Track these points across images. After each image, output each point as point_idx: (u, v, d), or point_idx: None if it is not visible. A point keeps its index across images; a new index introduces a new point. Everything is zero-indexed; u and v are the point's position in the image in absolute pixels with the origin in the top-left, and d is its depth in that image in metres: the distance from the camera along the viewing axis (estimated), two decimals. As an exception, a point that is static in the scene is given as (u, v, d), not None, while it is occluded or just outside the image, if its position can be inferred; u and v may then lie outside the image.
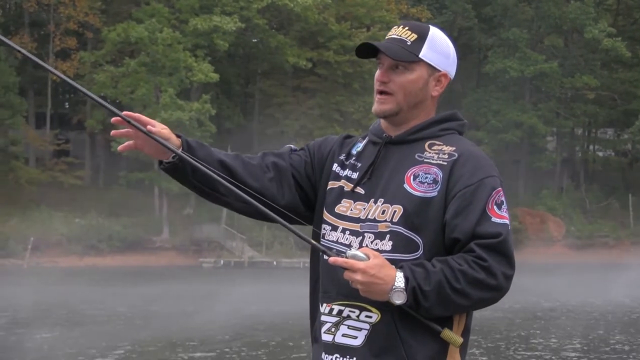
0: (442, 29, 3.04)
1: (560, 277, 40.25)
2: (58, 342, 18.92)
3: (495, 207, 2.79)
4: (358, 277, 2.68)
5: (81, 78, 54.36)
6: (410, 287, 2.69)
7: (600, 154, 71.17)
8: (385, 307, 2.76)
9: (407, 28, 2.91)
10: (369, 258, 2.71)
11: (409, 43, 2.88)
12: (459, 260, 2.72)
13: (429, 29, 2.93)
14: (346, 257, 2.72)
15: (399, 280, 2.69)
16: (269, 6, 53.53)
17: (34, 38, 57.22)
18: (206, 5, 52.94)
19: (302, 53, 55.18)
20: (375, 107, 2.92)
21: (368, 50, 2.91)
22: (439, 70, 2.93)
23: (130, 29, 50.41)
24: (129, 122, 2.83)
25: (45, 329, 21.29)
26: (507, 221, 2.80)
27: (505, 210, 2.82)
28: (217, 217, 52.49)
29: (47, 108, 56.54)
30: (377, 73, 2.93)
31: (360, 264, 2.69)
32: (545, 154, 67.07)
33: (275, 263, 48.93)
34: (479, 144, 59.71)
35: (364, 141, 3.02)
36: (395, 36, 2.90)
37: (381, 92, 2.90)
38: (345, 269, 2.72)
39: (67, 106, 66.04)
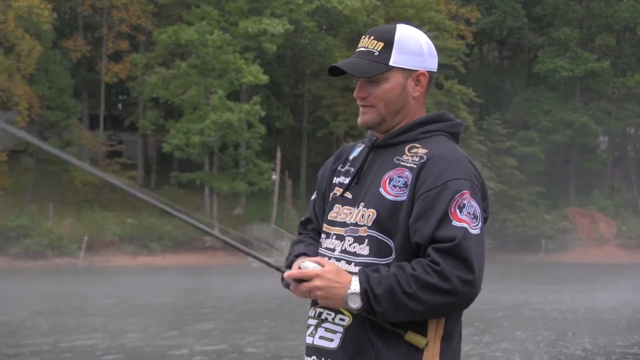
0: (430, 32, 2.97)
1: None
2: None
3: (457, 210, 2.70)
4: (317, 282, 2.71)
5: (133, 80, 55.23)
6: (362, 290, 2.68)
7: (653, 153, 70.51)
8: None
9: (372, 37, 2.87)
10: (323, 266, 2.75)
11: (376, 54, 2.83)
12: (415, 265, 2.70)
13: (394, 32, 2.85)
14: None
15: (354, 284, 2.69)
16: (318, 8, 53.86)
17: (88, 41, 58.17)
18: (255, 8, 53.45)
19: (351, 54, 55.04)
20: (359, 120, 2.92)
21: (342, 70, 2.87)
22: (415, 70, 2.86)
23: (181, 31, 51.03)
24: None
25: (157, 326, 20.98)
26: (466, 225, 2.70)
27: (466, 214, 2.71)
28: (267, 216, 52.99)
29: (100, 110, 57.47)
30: (355, 89, 2.93)
31: (317, 270, 2.73)
32: (597, 153, 66.64)
33: (323, 262, 49.17)
34: (529, 144, 59.93)
35: (362, 146, 3.02)
36: (362, 49, 2.88)
37: (363, 105, 2.90)
38: (302, 280, 2.74)
39: (120, 107, 67.05)
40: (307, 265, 2.76)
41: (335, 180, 2.99)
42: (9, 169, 50.37)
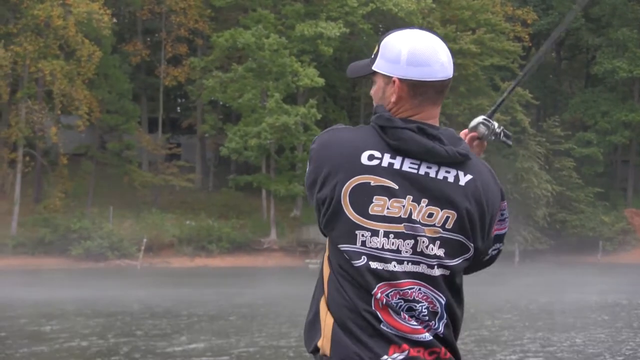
0: (443, 39, 2.97)
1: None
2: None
3: None
4: None
5: (192, 83, 55.87)
6: None
7: None
8: None
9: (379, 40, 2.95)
10: None
11: (372, 56, 2.95)
12: None
13: (385, 37, 2.94)
14: None
15: None
16: (374, 11, 53.98)
17: (147, 45, 59.01)
18: (311, 11, 53.74)
19: (407, 57, 55.29)
20: None
21: None
22: (391, 77, 2.89)
23: (238, 35, 51.47)
24: None
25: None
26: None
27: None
28: (324, 219, 53.15)
29: (159, 113, 58.24)
30: None
31: None
32: (656, 154, 65.93)
33: (379, 264, 49.17)
34: (587, 145, 59.41)
35: None
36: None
37: None
38: None
39: (179, 111, 67.84)
40: None
41: None
42: (70, 172, 51.25)
